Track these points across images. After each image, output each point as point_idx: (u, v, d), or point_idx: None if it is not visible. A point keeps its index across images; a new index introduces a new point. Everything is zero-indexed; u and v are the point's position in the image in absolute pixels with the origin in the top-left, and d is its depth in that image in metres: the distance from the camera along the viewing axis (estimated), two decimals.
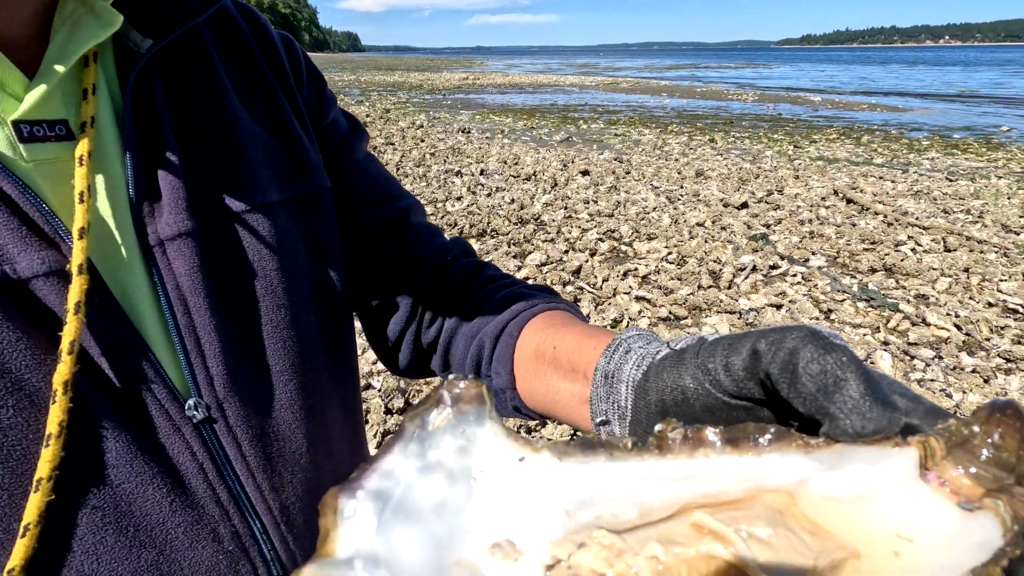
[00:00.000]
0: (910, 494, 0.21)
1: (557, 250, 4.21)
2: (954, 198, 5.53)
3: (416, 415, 0.24)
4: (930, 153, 8.17)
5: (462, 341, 0.54)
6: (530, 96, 18.21)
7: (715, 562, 0.22)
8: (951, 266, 3.87)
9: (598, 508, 0.25)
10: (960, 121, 12.21)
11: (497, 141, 9.01)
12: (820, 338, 0.25)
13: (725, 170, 6.71)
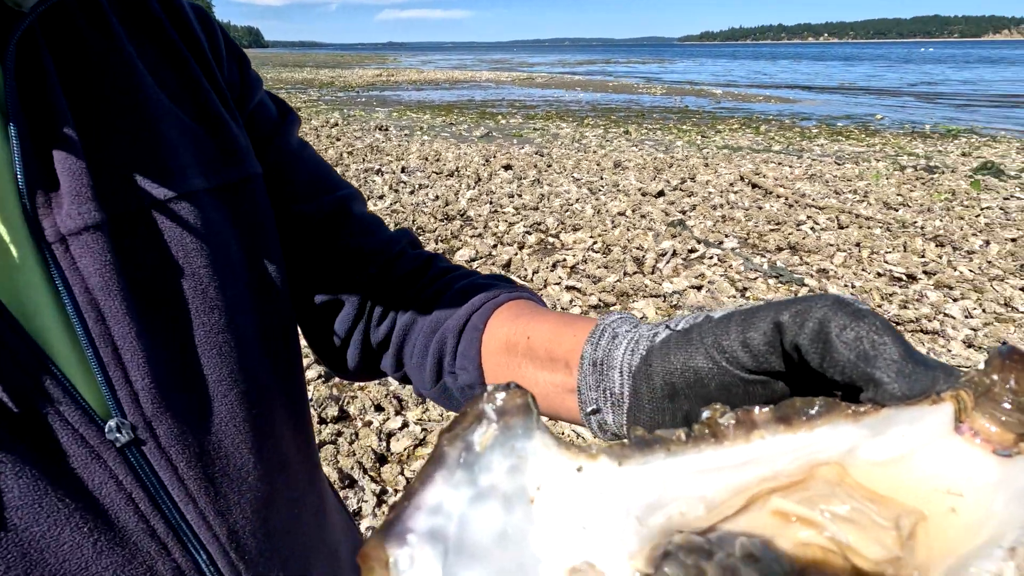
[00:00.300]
0: (948, 449, 0.21)
1: (486, 245, 4.20)
2: (843, 180, 6.06)
3: (456, 437, 0.21)
4: (819, 140, 8.91)
5: (419, 337, 0.51)
6: (447, 92, 18.04)
7: (810, 549, 0.21)
8: (845, 242, 4.24)
9: (667, 510, 0.23)
10: (842, 110, 13.41)
11: (417, 138, 8.85)
12: (847, 304, 0.24)
13: (641, 160, 6.98)
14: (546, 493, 0.22)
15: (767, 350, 0.26)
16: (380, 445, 2.19)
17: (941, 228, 4.50)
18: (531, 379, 0.43)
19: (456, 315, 0.49)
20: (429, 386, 0.51)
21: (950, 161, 7.06)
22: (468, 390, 0.48)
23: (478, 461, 0.21)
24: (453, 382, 0.49)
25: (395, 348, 0.53)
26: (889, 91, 18.94)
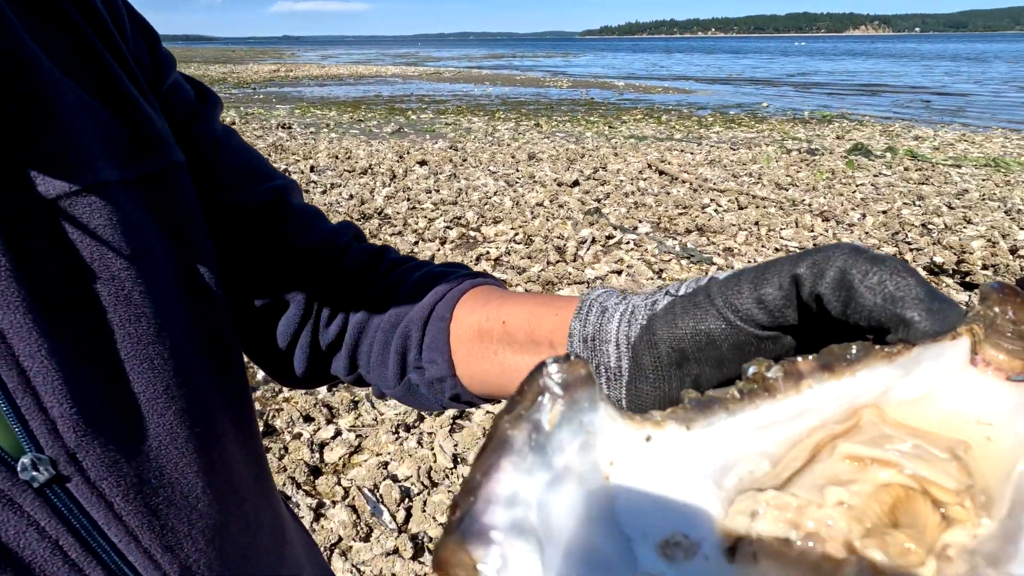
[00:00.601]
0: (969, 381, 0.23)
1: (406, 242, 4.11)
2: (739, 164, 6.51)
3: (520, 418, 0.19)
4: (715, 127, 9.52)
5: (378, 334, 0.48)
6: (352, 88, 17.42)
7: (894, 489, 0.21)
8: (745, 221, 4.57)
9: (737, 470, 0.23)
10: (732, 100, 14.40)
11: (324, 136, 8.48)
12: (864, 251, 0.25)
13: (554, 152, 7.11)
14: (620, 468, 0.21)
15: (784, 304, 0.26)
16: (313, 457, 2.09)
17: (825, 204, 4.96)
18: (511, 364, 0.42)
19: (418, 307, 0.46)
20: (393, 384, 0.48)
21: (827, 144, 7.79)
22: (438, 383, 0.46)
23: (549, 441, 0.19)
24: (419, 377, 0.47)
25: (348, 349, 0.49)
26: (771, 81, 20.58)
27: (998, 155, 7.02)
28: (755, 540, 0.21)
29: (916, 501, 0.21)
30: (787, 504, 0.21)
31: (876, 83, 19.59)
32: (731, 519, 0.21)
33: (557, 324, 0.39)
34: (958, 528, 0.20)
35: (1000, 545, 0.19)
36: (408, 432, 2.23)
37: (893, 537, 0.20)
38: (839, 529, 0.20)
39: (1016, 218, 4.63)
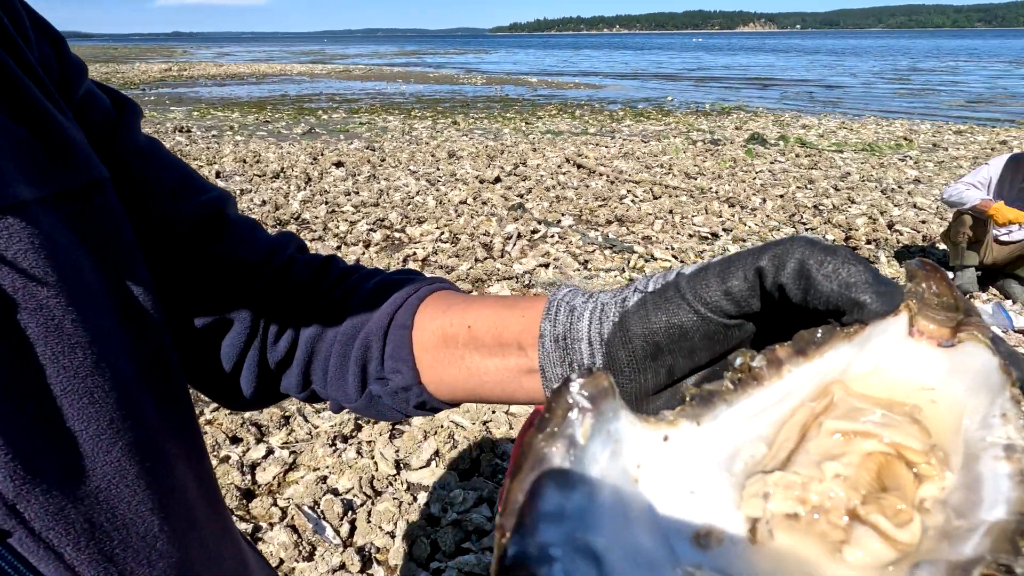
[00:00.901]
0: (909, 351, 0.26)
1: (328, 247, 3.97)
2: (650, 156, 6.82)
3: (555, 435, 0.20)
4: (626, 121, 9.90)
5: (335, 347, 0.46)
6: (256, 87, 16.50)
7: (876, 457, 0.23)
8: (660, 210, 4.79)
9: (741, 456, 0.24)
10: (640, 94, 15.04)
11: (228, 139, 7.99)
12: (817, 242, 0.27)
13: (473, 149, 7.11)
14: (646, 470, 0.23)
15: (749, 294, 0.28)
16: (244, 479, 1.98)
17: (730, 191, 5.30)
18: (479, 368, 0.42)
19: (377, 316, 0.45)
20: (354, 397, 0.47)
21: (728, 134, 8.33)
22: (403, 393, 0.45)
23: (585, 454, 0.20)
24: (382, 388, 0.46)
25: (301, 364, 0.47)
26: (674, 76, 21.68)
27: (872, 140, 7.82)
28: (770, 520, 0.22)
29: (894, 464, 0.23)
30: (793, 483, 0.23)
31: (766, 77, 21.17)
32: (747, 503, 0.23)
33: (525, 325, 0.39)
34: (928, 483, 0.23)
35: (965, 494, 0.22)
36: (346, 443, 2.16)
37: (887, 500, 0.22)
38: (840, 499, 0.22)
39: (891, 196, 5.19)
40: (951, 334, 0.25)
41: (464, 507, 1.86)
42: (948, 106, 12.49)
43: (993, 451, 0.22)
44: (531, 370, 0.39)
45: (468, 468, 2.06)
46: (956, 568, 0.20)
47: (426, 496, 1.93)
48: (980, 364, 0.24)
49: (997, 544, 0.20)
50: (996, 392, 0.24)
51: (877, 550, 0.21)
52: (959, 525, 0.21)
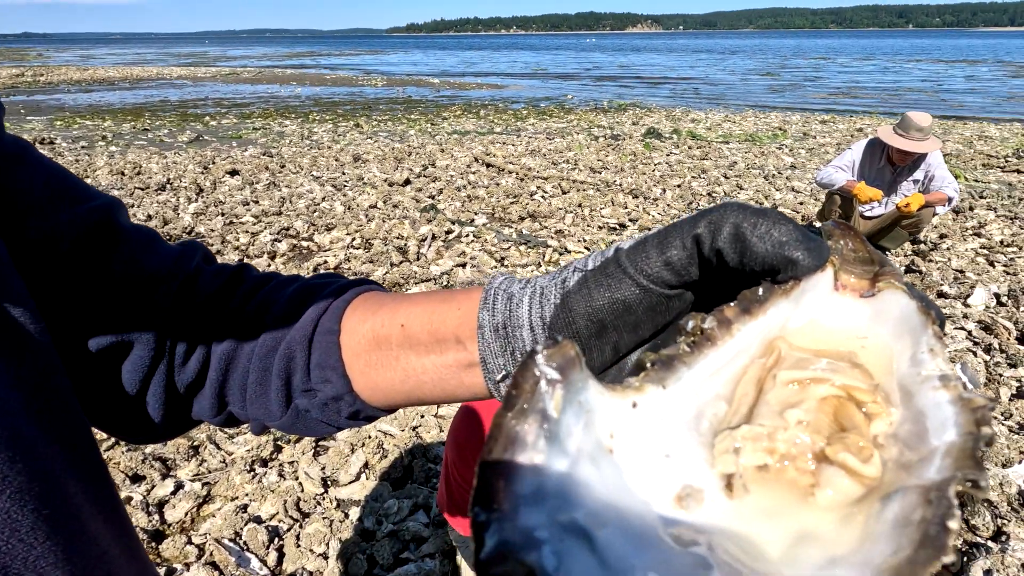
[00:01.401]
0: (836, 303, 0.27)
1: (229, 261, 3.70)
2: (556, 152, 7.00)
3: (525, 412, 0.19)
4: (530, 120, 10.09)
5: (254, 362, 0.42)
6: (130, 93, 15.05)
7: (832, 400, 0.24)
8: (569, 204, 4.93)
9: (706, 415, 0.24)
10: (541, 93, 15.38)
11: (101, 150, 7.23)
12: (747, 206, 0.28)
13: (380, 152, 6.94)
14: (620, 438, 0.22)
15: (688, 262, 0.29)
16: (151, 520, 1.80)
17: (633, 183, 5.56)
18: (416, 368, 0.40)
19: (299, 324, 0.42)
20: (278, 414, 0.43)
21: (626, 129, 8.73)
22: (333, 403, 0.42)
23: (559, 428, 0.19)
24: (310, 401, 0.42)
25: (215, 385, 0.43)
26: (572, 75, 22.39)
27: (753, 132, 8.52)
28: (743, 473, 0.23)
29: (847, 406, 0.25)
30: (760, 434, 0.24)
31: (657, 75, 22.43)
32: (719, 460, 0.24)
33: (461, 318, 0.38)
34: (878, 420, 0.24)
35: (912, 426, 0.24)
36: (266, 467, 2.03)
37: (849, 438, 0.23)
38: (805, 444, 0.23)
39: (772, 181, 5.68)
40: (871, 285, 0.27)
41: (400, 516, 1.81)
42: (813, 99, 13.90)
43: (930, 383, 0.24)
44: (471, 364, 0.38)
45: (401, 476, 2.01)
46: (929, 491, 0.21)
47: (358, 511, 1.85)
48: (900, 309, 0.26)
49: (959, 462, 0.21)
50: (919, 331, 0.26)
51: (846, 488, 0.22)
52: (913, 454, 0.23)
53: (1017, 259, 3.72)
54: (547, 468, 0.19)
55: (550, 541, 0.17)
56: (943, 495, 0.20)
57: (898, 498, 0.21)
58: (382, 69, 26.51)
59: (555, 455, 0.19)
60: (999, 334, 2.82)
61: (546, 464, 0.19)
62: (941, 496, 0.20)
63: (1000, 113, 10.98)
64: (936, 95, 14.51)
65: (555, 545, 0.17)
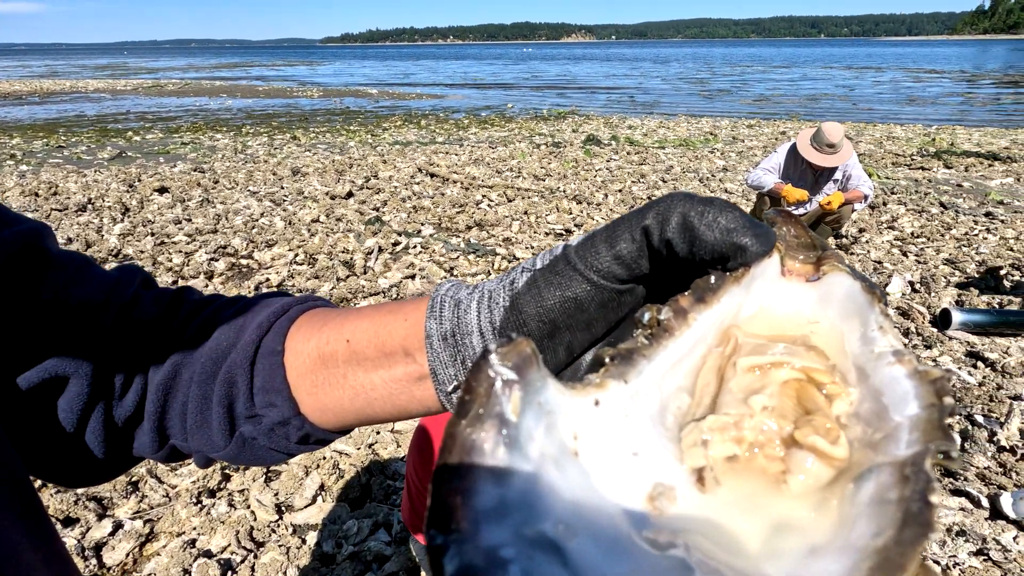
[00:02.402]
0: (784, 289, 0.28)
1: (162, 283, 3.51)
2: (499, 161, 7.05)
3: (481, 418, 0.17)
4: (472, 129, 10.11)
5: (193, 390, 0.40)
6: (40, 108, 14.02)
7: (793, 383, 0.24)
8: (516, 212, 4.98)
9: (670, 409, 0.24)
10: (481, 102, 15.46)
11: (10, 170, 6.70)
12: (693, 196, 0.28)
13: (319, 164, 6.77)
14: (584, 439, 0.21)
15: (638, 255, 0.29)
16: (87, 565, 1.68)
17: (576, 189, 5.68)
18: (365, 384, 0.38)
19: (240, 346, 0.40)
20: (221, 445, 0.41)
21: (567, 137, 8.91)
22: (280, 428, 0.40)
23: (519, 433, 0.18)
24: (255, 428, 0.40)
25: (153, 418, 0.41)
26: (511, 84, 22.64)
27: (687, 137, 8.88)
28: (713, 466, 0.22)
29: (808, 389, 0.24)
30: (726, 424, 0.23)
31: (593, 83, 23.01)
32: (688, 454, 0.23)
33: (409, 329, 0.37)
34: (839, 400, 0.24)
35: (872, 404, 0.24)
36: (214, 497, 1.93)
37: (816, 421, 0.23)
38: (772, 430, 0.23)
39: (707, 184, 5.94)
40: (815, 269, 0.28)
41: (360, 537, 1.76)
42: (740, 104, 14.65)
43: (885, 359, 0.24)
44: (422, 377, 0.37)
45: (359, 496, 1.96)
46: (904, 466, 0.20)
47: (316, 535, 1.79)
48: (845, 290, 0.27)
49: (928, 434, 0.21)
50: (866, 310, 0.26)
51: (817, 471, 0.22)
52: (877, 432, 0.23)
53: (926, 249, 4.05)
54: (509, 478, 0.17)
55: (517, 559, 0.16)
56: (919, 469, 0.20)
57: (871, 478, 0.21)
58: (317, 80, 25.90)
59: (517, 462, 0.17)
60: (915, 318, 3.06)
61: (508, 473, 0.17)
62: (918, 470, 0.20)
63: (904, 115, 11.95)
64: (848, 100, 15.62)
65: (523, 563, 0.16)
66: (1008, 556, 1.65)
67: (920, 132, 9.19)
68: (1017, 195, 5.47)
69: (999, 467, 2.00)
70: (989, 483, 1.93)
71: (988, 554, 1.66)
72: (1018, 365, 2.57)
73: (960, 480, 1.94)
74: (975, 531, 1.73)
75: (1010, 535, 1.72)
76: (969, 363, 2.66)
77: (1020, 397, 2.35)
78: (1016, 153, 7.19)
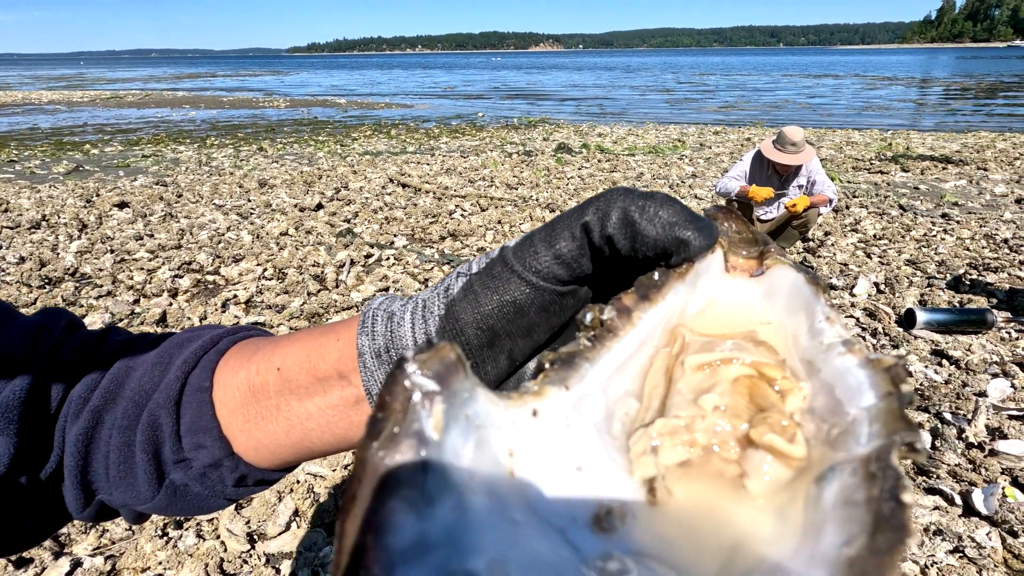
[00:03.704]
0: (729, 285, 0.27)
1: (123, 303, 3.37)
2: (471, 170, 7.03)
3: (396, 439, 0.15)
4: (443, 138, 10.08)
5: (115, 436, 0.36)
6: None
7: (744, 380, 0.22)
8: (489, 221, 4.96)
9: (616, 415, 0.22)
10: (452, 111, 15.45)
11: None
12: (633, 190, 0.27)
13: (288, 176, 6.64)
14: (521, 456, 0.19)
15: (579, 253, 0.27)
16: None
17: (549, 198, 5.69)
18: (301, 414, 0.35)
19: (164, 386, 0.36)
20: (148, 495, 0.37)
21: (538, 145, 8.95)
22: (213, 472, 0.36)
23: (442, 453, 0.15)
24: (186, 474, 0.37)
25: (74, 474, 0.36)
26: (481, 94, 22.71)
27: (655, 144, 9.03)
28: (665, 475, 0.20)
29: (760, 386, 0.23)
30: (676, 427, 0.21)
31: (562, 91, 23.26)
32: (638, 464, 0.21)
33: (342, 350, 0.34)
34: (791, 396, 0.23)
35: (825, 398, 0.22)
36: (181, 529, 1.84)
37: (772, 418, 0.21)
38: (726, 432, 0.21)
39: (676, 190, 6.03)
40: (759, 263, 0.27)
41: None
42: (706, 112, 14.98)
43: (834, 350, 0.23)
44: (359, 400, 0.34)
45: (335, 520, 1.89)
46: (868, 463, 0.18)
47: (291, 564, 1.72)
48: (789, 283, 0.26)
49: (889, 426, 0.19)
50: (812, 302, 0.25)
51: (776, 472, 0.20)
52: (833, 427, 0.21)
53: (888, 251, 4.18)
54: (430, 508, 0.15)
55: None
56: (886, 465, 0.18)
57: (834, 477, 0.19)
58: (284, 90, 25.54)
59: (440, 489, 0.15)
60: (881, 319, 3.14)
61: (429, 503, 0.15)
62: (884, 466, 0.18)
63: (862, 121, 12.40)
64: (809, 106, 16.14)
65: None
66: (983, 552, 1.68)
67: (877, 137, 9.53)
68: (970, 196, 5.70)
69: (969, 464, 2.05)
70: (960, 480, 1.98)
71: (964, 551, 1.69)
72: (980, 362, 2.66)
73: (933, 479, 1.98)
74: (951, 529, 1.76)
75: (983, 531, 1.76)
76: (935, 361, 2.73)
77: (985, 394, 2.42)
78: (967, 156, 7.51)
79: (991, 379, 2.51)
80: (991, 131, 10.18)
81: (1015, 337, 2.92)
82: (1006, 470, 1.99)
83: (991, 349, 2.80)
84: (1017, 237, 4.38)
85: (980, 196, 5.71)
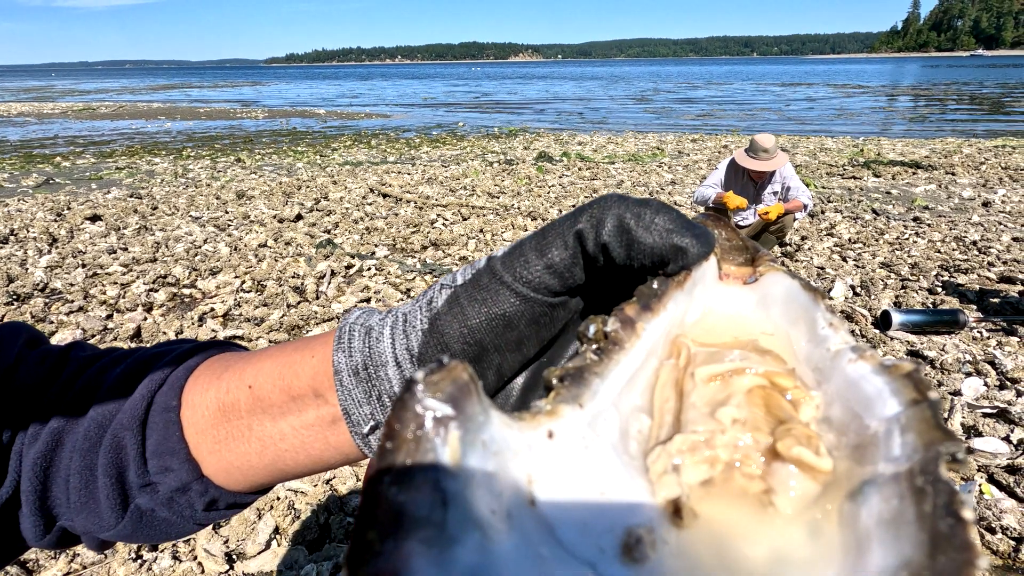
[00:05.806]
0: (724, 293, 0.26)
1: (95, 318, 3.29)
2: (453, 179, 7.03)
3: (410, 471, 0.13)
4: (424, 148, 10.07)
5: (76, 459, 0.34)
6: None
7: (758, 392, 0.21)
8: (472, 230, 4.95)
9: (630, 433, 0.21)
10: (432, 121, 15.46)
11: None
12: (627, 197, 0.26)
13: (266, 187, 6.57)
14: (541, 482, 0.17)
15: (572, 263, 0.26)
16: None
17: (530, 206, 5.71)
18: (273, 435, 0.34)
19: (129, 405, 0.35)
20: (112, 522, 0.35)
21: (519, 154, 8.99)
22: (180, 496, 0.35)
23: (461, 485, 0.14)
24: (152, 498, 0.35)
25: (32, 499, 0.35)
26: (461, 103, 22.78)
27: (635, 152, 9.13)
28: (690, 495, 0.19)
29: (774, 396, 0.22)
30: (696, 443, 0.20)
31: (542, 101, 23.45)
32: (660, 484, 0.20)
33: (317, 367, 0.32)
34: (804, 406, 0.22)
35: (842, 406, 0.21)
36: (156, 551, 1.78)
37: (796, 430, 0.20)
38: (748, 446, 0.20)
39: (656, 197, 6.07)
40: (751, 271, 0.27)
41: None
42: (684, 120, 15.21)
43: (844, 357, 0.22)
44: (335, 419, 0.33)
45: (317, 537, 1.85)
46: (912, 476, 0.17)
47: None
48: (784, 289, 0.25)
49: (924, 436, 0.18)
50: (811, 307, 0.24)
51: (803, 488, 0.19)
52: (854, 437, 0.20)
53: (863, 254, 4.26)
54: (452, 550, 0.13)
55: None
56: (936, 479, 0.16)
57: (872, 493, 0.18)
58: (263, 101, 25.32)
59: (461, 527, 0.14)
60: (858, 321, 3.19)
61: (450, 544, 0.13)
62: (935, 480, 0.16)
63: (834, 128, 12.70)
64: (783, 114, 16.49)
65: None
66: None
67: (849, 144, 9.76)
68: (940, 200, 5.86)
69: None
70: None
71: None
72: (954, 362, 2.71)
73: None
74: None
75: None
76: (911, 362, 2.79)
77: (959, 392, 2.47)
78: (936, 161, 7.73)
79: (965, 378, 2.57)
80: (957, 137, 10.50)
81: (986, 336, 2.99)
82: (982, 467, 2.03)
83: (964, 348, 2.86)
84: (985, 239, 4.51)
85: (949, 200, 5.87)
